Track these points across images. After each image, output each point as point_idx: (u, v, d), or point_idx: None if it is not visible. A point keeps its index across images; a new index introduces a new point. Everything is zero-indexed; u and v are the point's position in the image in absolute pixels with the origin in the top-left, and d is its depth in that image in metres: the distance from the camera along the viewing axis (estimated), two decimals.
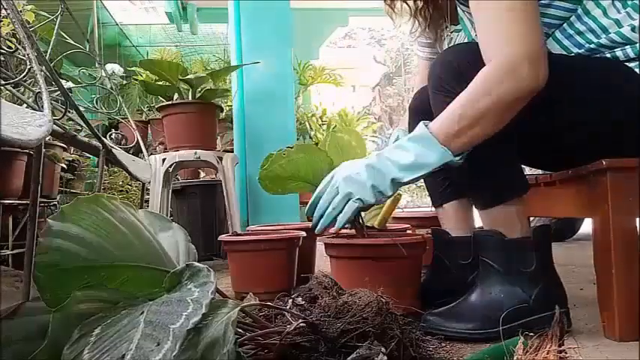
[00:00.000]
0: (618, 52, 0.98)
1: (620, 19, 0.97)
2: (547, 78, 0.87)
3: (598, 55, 1.00)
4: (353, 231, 1.21)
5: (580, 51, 1.01)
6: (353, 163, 0.99)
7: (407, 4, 1.24)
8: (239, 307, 0.64)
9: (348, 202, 0.96)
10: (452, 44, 1.25)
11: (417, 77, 1.50)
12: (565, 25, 1.01)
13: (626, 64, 0.98)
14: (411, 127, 1.36)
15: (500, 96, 0.87)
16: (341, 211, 0.96)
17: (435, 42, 1.35)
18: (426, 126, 0.94)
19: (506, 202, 1.00)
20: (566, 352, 0.67)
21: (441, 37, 1.30)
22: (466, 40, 1.16)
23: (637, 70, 0.97)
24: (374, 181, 0.94)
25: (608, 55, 0.99)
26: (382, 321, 0.73)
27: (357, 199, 0.95)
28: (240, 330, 0.70)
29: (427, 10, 1.26)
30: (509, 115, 0.90)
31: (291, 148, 1.22)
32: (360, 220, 1.18)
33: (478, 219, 1.34)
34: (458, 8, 1.12)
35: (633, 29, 0.95)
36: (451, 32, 1.25)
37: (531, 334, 0.73)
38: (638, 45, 0.95)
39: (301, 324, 0.71)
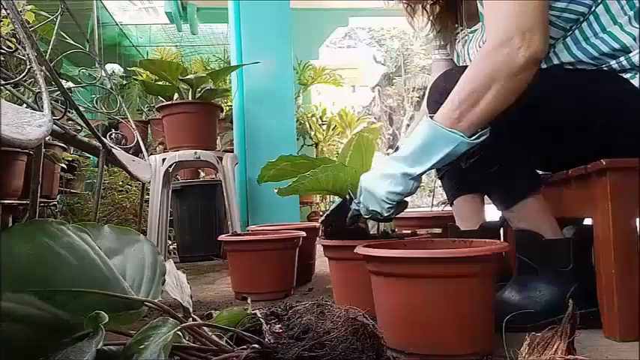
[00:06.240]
0: (624, 62, 0.98)
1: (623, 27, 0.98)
2: (545, 48, 0.89)
3: (604, 66, 1.01)
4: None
5: (587, 59, 1.01)
6: (368, 177, 1.05)
7: (425, 10, 1.30)
8: (177, 328, 0.61)
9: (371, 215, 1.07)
10: (467, 45, 1.27)
11: (432, 75, 1.54)
12: (576, 31, 1.02)
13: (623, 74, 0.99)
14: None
15: (488, 71, 0.88)
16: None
17: (447, 45, 1.38)
18: (431, 118, 0.96)
19: (519, 200, 1.04)
20: (575, 350, 0.65)
21: (454, 40, 1.32)
22: (483, 38, 1.17)
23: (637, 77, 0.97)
24: (388, 187, 0.98)
25: (614, 63, 0.99)
26: (348, 346, 0.68)
27: (377, 213, 1.03)
28: (183, 355, 0.65)
29: (444, 15, 1.31)
30: (508, 89, 0.89)
31: (316, 169, 1.15)
32: (367, 224, 1.20)
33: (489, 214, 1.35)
34: (478, 4, 1.13)
35: (635, 39, 0.95)
36: (468, 33, 1.26)
37: (537, 333, 0.71)
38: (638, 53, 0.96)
39: (251, 353, 0.66)
